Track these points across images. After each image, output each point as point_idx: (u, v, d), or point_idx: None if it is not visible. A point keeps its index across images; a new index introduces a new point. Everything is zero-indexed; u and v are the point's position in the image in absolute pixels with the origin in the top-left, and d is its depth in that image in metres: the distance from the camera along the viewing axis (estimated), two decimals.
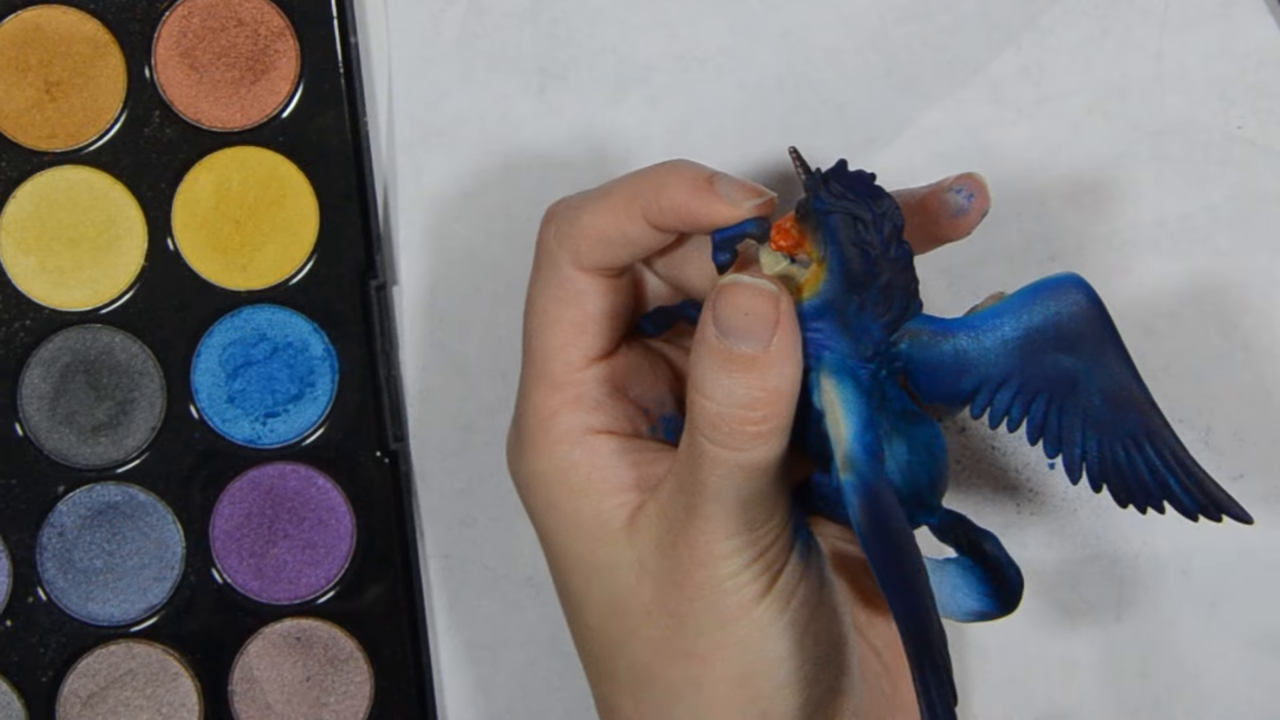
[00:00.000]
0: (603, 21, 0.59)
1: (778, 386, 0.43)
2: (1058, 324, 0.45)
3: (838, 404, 0.44)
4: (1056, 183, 0.58)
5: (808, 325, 0.44)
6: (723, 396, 0.43)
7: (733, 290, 0.43)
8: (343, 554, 0.59)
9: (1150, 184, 0.58)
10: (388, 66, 0.59)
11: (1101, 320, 0.45)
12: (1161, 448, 0.45)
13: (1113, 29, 0.59)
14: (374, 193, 0.59)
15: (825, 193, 0.43)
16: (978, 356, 0.45)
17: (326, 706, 0.59)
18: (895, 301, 0.44)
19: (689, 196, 0.46)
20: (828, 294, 0.44)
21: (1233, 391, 0.58)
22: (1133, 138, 0.58)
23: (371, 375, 0.59)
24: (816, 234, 0.44)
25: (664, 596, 0.46)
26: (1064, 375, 0.45)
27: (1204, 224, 0.58)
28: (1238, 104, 0.58)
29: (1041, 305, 0.45)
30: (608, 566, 0.47)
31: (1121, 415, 0.45)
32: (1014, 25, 0.59)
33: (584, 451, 0.47)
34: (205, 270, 0.59)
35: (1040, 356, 0.45)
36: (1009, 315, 0.45)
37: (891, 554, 0.43)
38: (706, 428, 0.44)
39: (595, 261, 0.47)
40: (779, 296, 0.43)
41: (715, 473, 0.44)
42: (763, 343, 0.43)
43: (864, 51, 0.59)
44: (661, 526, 0.46)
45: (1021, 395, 0.45)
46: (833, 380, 0.44)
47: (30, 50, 0.59)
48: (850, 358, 0.44)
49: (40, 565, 0.59)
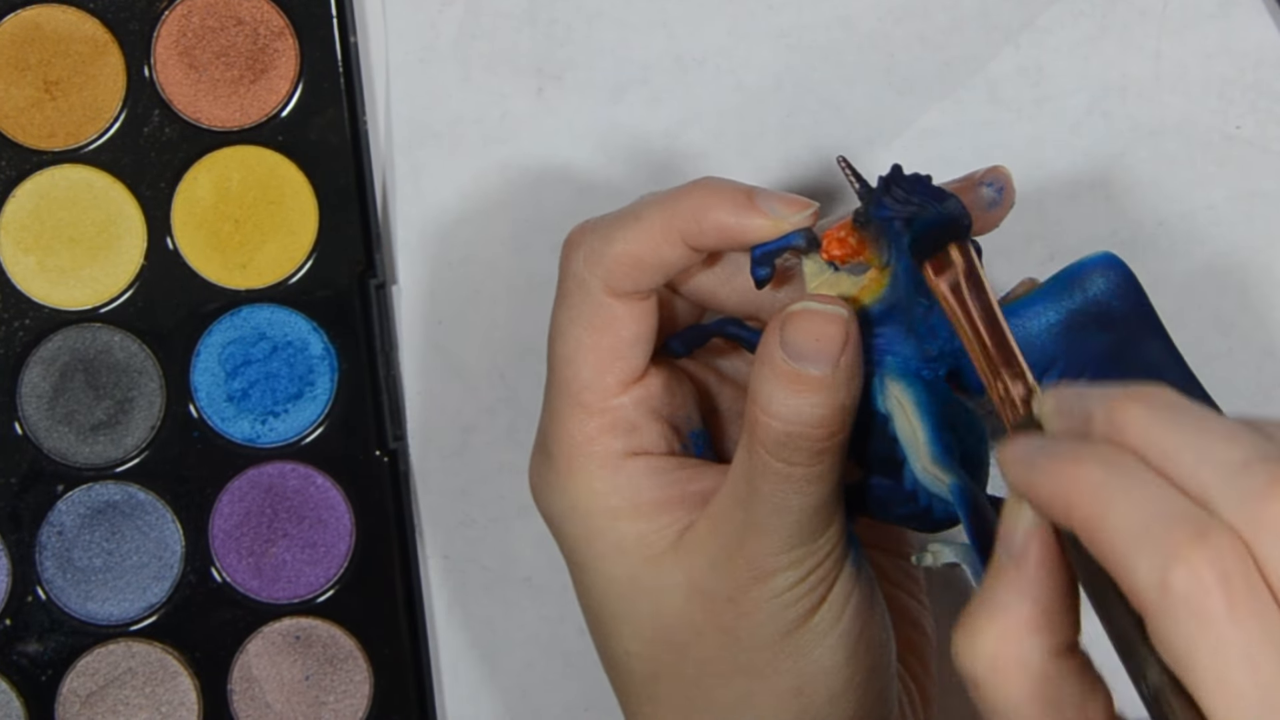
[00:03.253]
0: (601, 22, 0.59)
1: (844, 403, 0.44)
2: (1097, 303, 0.45)
3: (909, 406, 0.44)
4: (1055, 182, 0.58)
5: (869, 330, 0.45)
6: (790, 415, 0.43)
7: (805, 317, 0.43)
8: (342, 553, 0.59)
9: (1149, 184, 0.58)
10: (385, 67, 0.59)
11: (1138, 295, 0.45)
12: None
13: (1111, 29, 0.59)
14: (373, 192, 0.59)
15: (889, 199, 0.43)
16: (1025, 344, 0.44)
17: (326, 706, 0.59)
18: None
19: (731, 215, 0.45)
20: (891, 299, 0.44)
21: (1232, 391, 0.58)
22: (1131, 137, 0.59)
23: (371, 375, 0.59)
24: (880, 241, 0.44)
25: (718, 614, 0.46)
26: (1107, 352, 0.45)
27: (1203, 224, 0.58)
28: (1236, 104, 0.58)
29: (1080, 287, 0.45)
30: (653, 590, 0.47)
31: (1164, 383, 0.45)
32: (1012, 25, 0.59)
33: (624, 475, 0.47)
34: (204, 269, 0.59)
35: (1083, 337, 0.45)
36: (1051, 300, 0.45)
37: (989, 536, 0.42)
38: (773, 445, 0.44)
39: (629, 287, 0.47)
40: (849, 321, 0.44)
41: (779, 488, 0.44)
42: (831, 364, 0.43)
43: (863, 51, 0.59)
44: (716, 543, 0.46)
45: (1068, 376, 0.45)
46: (900, 384, 0.45)
47: (30, 49, 0.59)
48: (914, 360, 0.45)
49: (39, 564, 0.59)
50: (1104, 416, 0.36)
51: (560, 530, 0.49)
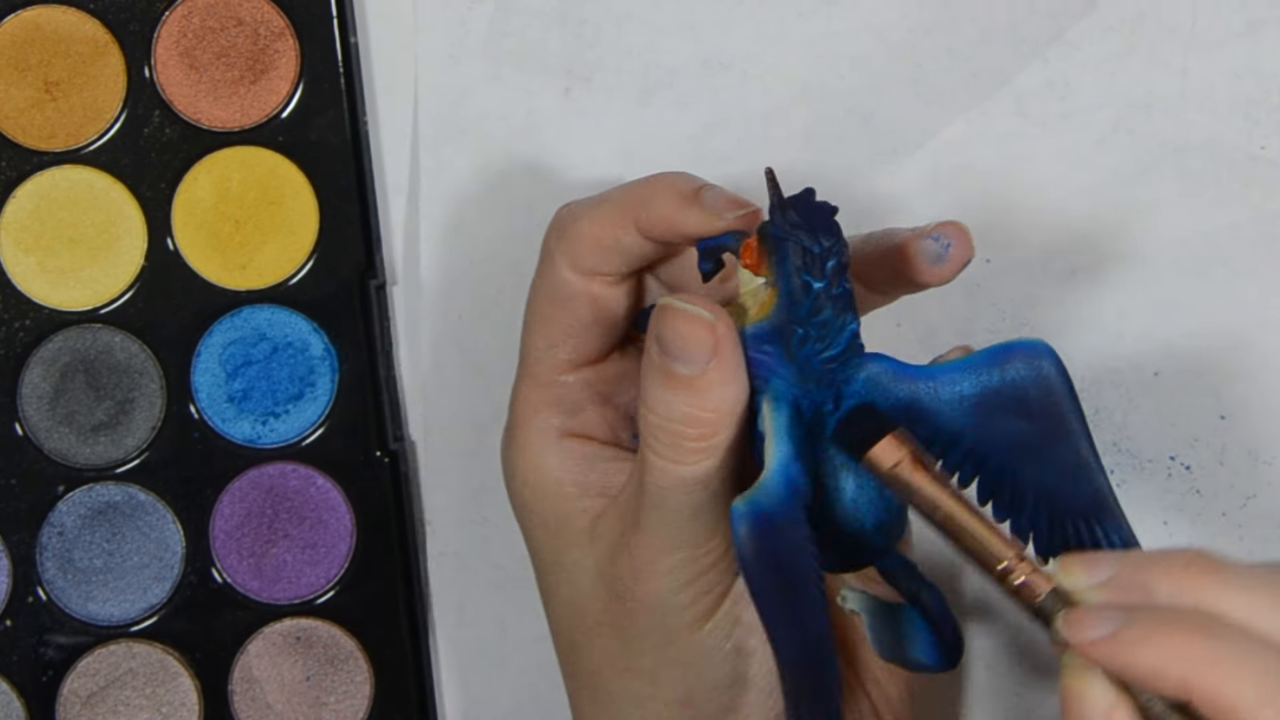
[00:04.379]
0: (630, 24, 0.59)
1: (716, 407, 0.43)
2: (1017, 389, 0.43)
3: (771, 430, 0.43)
4: (1079, 197, 0.58)
5: (758, 348, 0.44)
6: (663, 410, 0.43)
7: (667, 313, 0.43)
8: (342, 554, 0.59)
9: (1173, 201, 0.58)
10: (414, 64, 0.59)
11: (1064, 392, 0.44)
12: (1111, 530, 0.44)
13: (1139, 46, 0.58)
14: (374, 192, 0.59)
15: (781, 219, 0.43)
16: (932, 407, 0.44)
17: (326, 706, 0.59)
18: (834, 339, 0.43)
19: (674, 208, 0.45)
20: (777, 320, 0.43)
21: (1249, 411, 0.58)
22: (1156, 154, 0.58)
23: (371, 375, 0.59)
24: (771, 257, 0.43)
25: (611, 608, 0.46)
26: (1018, 441, 0.44)
27: (1226, 243, 0.58)
28: (1262, 124, 0.58)
29: (1004, 368, 0.44)
30: (571, 569, 0.47)
31: (1074, 490, 0.44)
32: (1041, 39, 0.58)
33: (556, 453, 0.48)
34: (205, 270, 0.59)
35: (996, 419, 0.44)
36: (970, 372, 0.44)
37: (777, 583, 0.42)
38: (650, 438, 0.44)
39: (591, 266, 0.47)
40: (714, 324, 0.43)
41: (657, 482, 0.44)
42: (699, 365, 0.43)
43: (890, 62, 0.59)
44: (614, 533, 0.46)
45: (973, 456, 0.44)
46: (771, 406, 0.44)
47: (30, 50, 0.58)
48: (794, 386, 0.44)
49: (40, 565, 0.59)
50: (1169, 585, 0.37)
51: (510, 496, 0.49)
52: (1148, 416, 0.58)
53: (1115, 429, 0.58)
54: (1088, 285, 0.58)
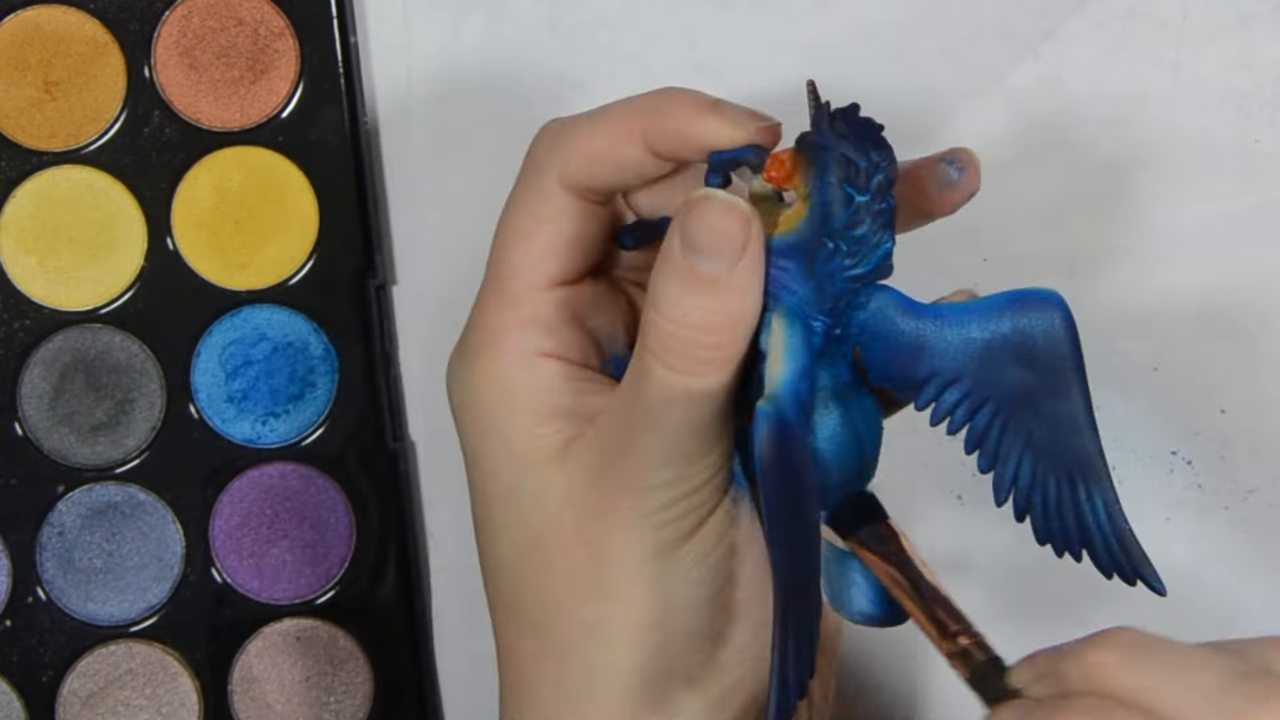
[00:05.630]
0: (622, 30, 0.59)
1: (735, 313, 0.42)
2: (1025, 337, 0.43)
3: (781, 346, 0.42)
4: (1073, 194, 0.58)
5: (774, 262, 0.43)
6: (679, 315, 0.41)
7: (705, 204, 0.41)
8: (342, 554, 0.59)
9: (1167, 196, 0.58)
10: (407, 72, 0.59)
11: (1070, 345, 0.43)
12: (1094, 492, 0.44)
13: (1130, 41, 0.58)
14: (374, 192, 0.59)
15: (827, 128, 0.42)
16: (937, 346, 0.43)
17: (326, 706, 0.59)
18: (866, 257, 0.43)
19: (690, 117, 0.44)
20: (803, 233, 0.42)
21: (1249, 404, 0.58)
22: (1149, 150, 0.58)
23: (371, 375, 0.59)
24: (809, 169, 0.42)
25: (586, 527, 0.44)
26: (1017, 390, 0.43)
27: (1221, 236, 0.58)
28: (1255, 117, 0.58)
29: (1014, 314, 0.43)
30: (532, 494, 0.45)
31: (1064, 447, 0.43)
32: (1032, 37, 0.58)
33: (529, 372, 0.46)
34: (205, 270, 0.59)
35: (999, 365, 0.43)
36: (979, 315, 0.43)
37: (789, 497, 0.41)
38: (657, 346, 0.42)
39: (583, 180, 0.46)
40: (752, 219, 0.42)
41: (658, 395, 0.42)
42: (728, 265, 0.41)
43: (882, 63, 0.59)
44: (595, 453, 0.44)
45: (970, 399, 0.43)
46: (784, 321, 0.43)
47: (30, 50, 0.59)
48: (808, 305, 0.43)
49: (40, 565, 0.59)
50: (1078, 671, 0.38)
51: (460, 422, 0.47)
52: (1148, 412, 0.58)
53: (1116, 424, 0.58)
54: (1085, 282, 0.58)
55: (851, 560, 0.46)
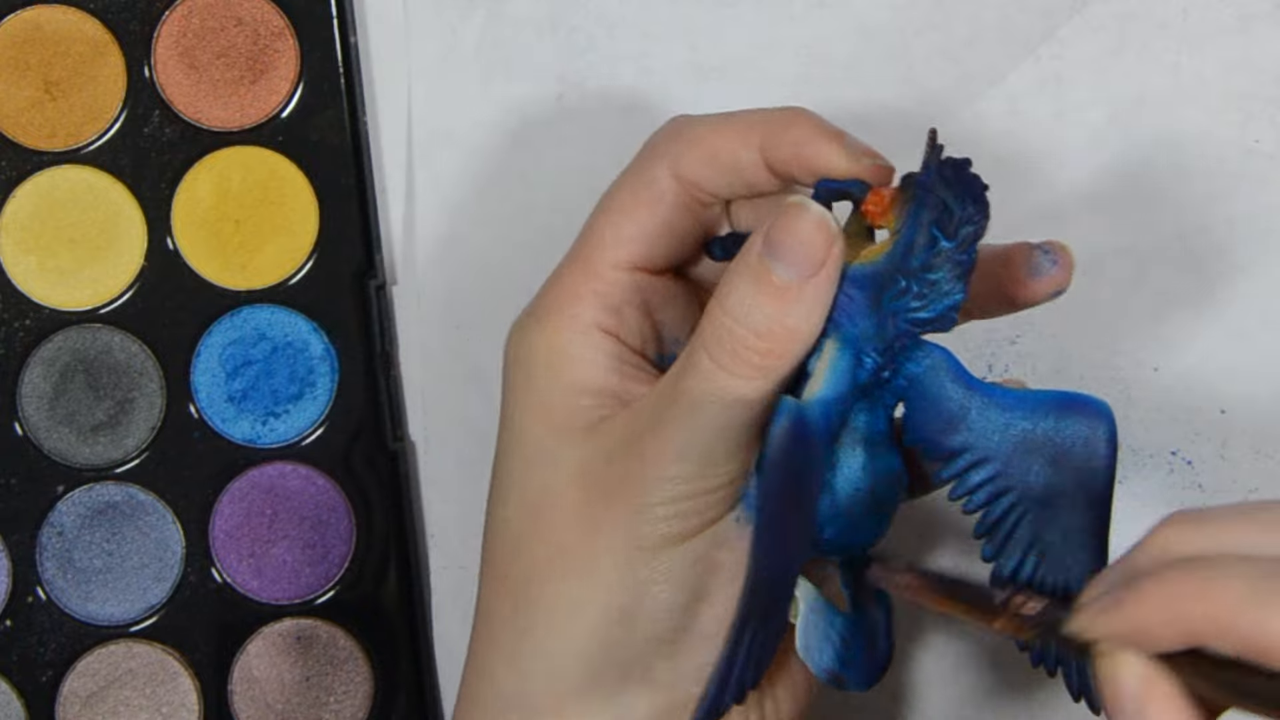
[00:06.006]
0: (621, 30, 0.59)
1: (795, 327, 0.42)
2: (1066, 440, 0.44)
3: (827, 368, 0.43)
4: (1073, 195, 0.58)
5: (844, 289, 0.43)
6: (741, 314, 0.42)
7: (796, 212, 0.42)
8: (342, 554, 0.59)
9: (1167, 197, 0.58)
10: (407, 74, 0.59)
11: (1107, 461, 0.44)
12: None
13: (1131, 42, 0.58)
14: (374, 192, 0.59)
15: (935, 172, 0.43)
16: (978, 422, 0.44)
17: (326, 706, 0.59)
18: (934, 303, 0.43)
19: (812, 139, 0.45)
20: (881, 266, 0.43)
21: (1250, 404, 0.58)
22: (1150, 151, 0.58)
23: (371, 375, 0.59)
24: (905, 206, 0.43)
25: (591, 501, 0.44)
26: (1042, 490, 0.44)
27: (1222, 237, 0.58)
28: (1256, 117, 0.58)
29: (1061, 414, 0.44)
30: (552, 459, 0.45)
31: (1067, 560, 0.44)
32: (1032, 38, 0.58)
33: (587, 343, 0.46)
34: (205, 270, 0.59)
35: (1032, 460, 0.44)
36: (1026, 405, 0.44)
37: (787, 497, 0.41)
38: (711, 340, 0.42)
39: (694, 175, 0.46)
40: (836, 238, 0.42)
41: (699, 388, 0.42)
42: (802, 275, 0.42)
43: (882, 63, 0.59)
44: (621, 435, 0.44)
45: (995, 483, 0.44)
46: (836, 347, 0.43)
47: (30, 50, 0.59)
48: (865, 339, 0.43)
49: (40, 565, 0.59)
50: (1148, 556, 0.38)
51: (507, 378, 0.47)
52: (1148, 411, 0.58)
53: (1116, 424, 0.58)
54: (1085, 282, 0.58)
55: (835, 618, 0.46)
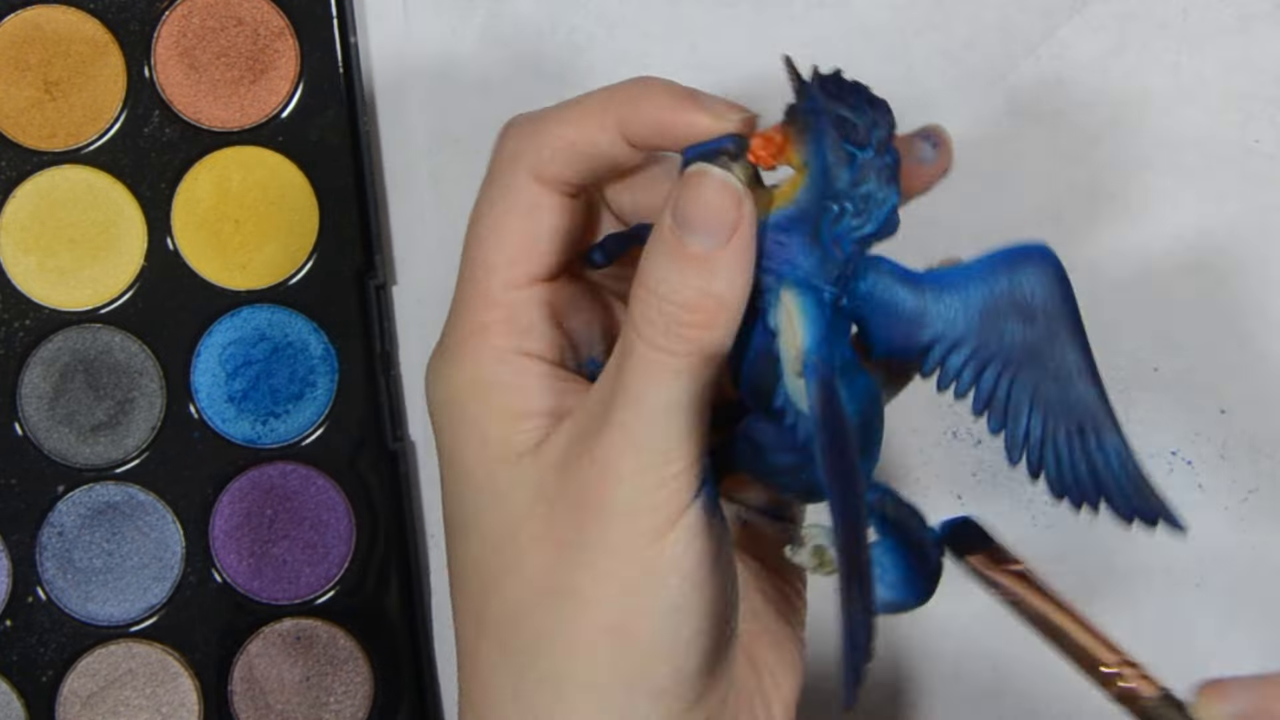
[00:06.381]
0: (622, 30, 0.59)
1: (722, 294, 0.41)
2: (1022, 292, 0.43)
3: (796, 317, 0.42)
4: (1074, 194, 0.58)
5: (773, 238, 0.42)
6: (665, 291, 0.41)
7: (699, 179, 0.41)
8: (342, 554, 0.59)
9: (1168, 196, 0.58)
10: (407, 72, 0.59)
11: (1065, 296, 0.44)
12: (1105, 440, 0.44)
13: (1131, 42, 0.58)
14: (374, 192, 0.59)
15: (819, 93, 0.42)
16: (937, 311, 0.43)
17: (326, 706, 0.59)
18: (874, 214, 0.42)
19: (668, 107, 0.44)
20: (803, 203, 0.42)
21: (1249, 404, 0.58)
22: (1150, 150, 0.58)
23: (371, 375, 0.59)
24: (803, 137, 0.42)
25: (555, 522, 0.43)
26: (1020, 346, 0.43)
27: (1222, 236, 0.58)
28: (1256, 118, 0.58)
29: (1009, 272, 0.43)
30: (503, 491, 0.44)
31: (1070, 398, 0.44)
32: (1032, 38, 0.58)
33: (508, 370, 0.45)
34: (205, 270, 0.59)
35: (1000, 324, 0.43)
36: (975, 276, 0.43)
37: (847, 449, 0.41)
38: (642, 322, 0.42)
39: (557, 173, 0.45)
40: (744, 198, 0.41)
41: (638, 375, 0.42)
42: (717, 242, 0.41)
43: (882, 64, 0.59)
44: (569, 443, 0.43)
45: (974, 361, 0.43)
46: (794, 293, 0.42)
47: (30, 50, 0.59)
48: (815, 275, 0.42)
49: (40, 565, 0.59)
50: None
51: (436, 421, 0.46)
52: (1148, 412, 0.58)
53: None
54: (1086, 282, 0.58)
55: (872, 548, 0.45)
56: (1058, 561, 0.58)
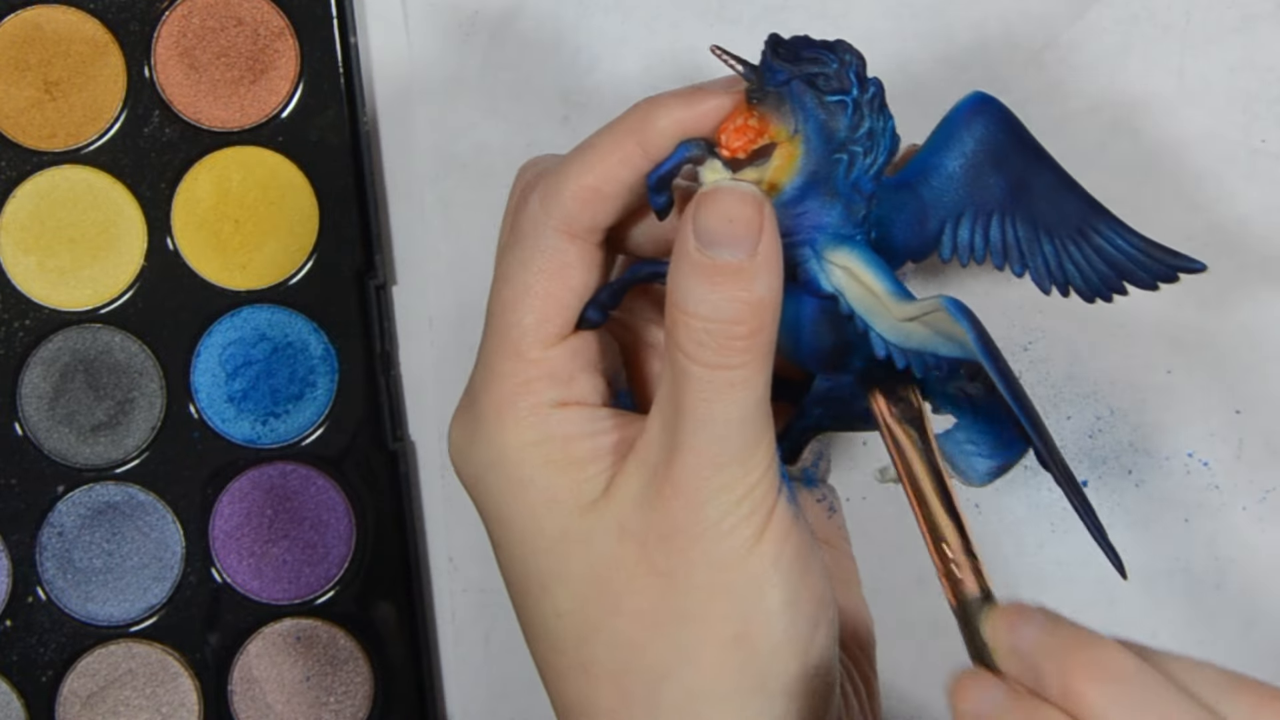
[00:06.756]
0: (625, 49, 0.59)
1: (763, 297, 0.41)
2: (986, 142, 0.45)
3: (858, 268, 0.43)
4: None
5: (792, 214, 0.43)
6: (707, 311, 0.41)
7: (717, 196, 0.41)
8: (342, 554, 0.59)
9: (1175, 199, 0.58)
10: (407, 72, 0.59)
11: (1015, 126, 0.45)
12: (1103, 228, 0.46)
13: (1134, 45, 0.58)
14: (374, 192, 0.59)
15: (779, 63, 0.42)
16: (933, 198, 0.45)
17: (326, 706, 0.59)
18: (880, 144, 0.43)
19: (684, 106, 0.43)
20: (808, 168, 0.43)
21: (1264, 404, 0.57)
22: (1156, 153, 0.58)
23: (371, 375, 0.59)
24: (781, 109, 0.42)
25: (649, 555, 0.43)
26: (1007, 189, 0.45)
27: (1231, 238, 0.58)
28: (1262, 118, 0.58)
29: (968, 129, 0.45)
30: (584, 540, 0.44)
31: (1062, 209, 0.45)
32: (1035, 44, 0.58)
33: (559, 423, 0.45)
34: (205, 270, 0.59)
35: (983, 179, 0.45)
36: (944, 150, 0.45)
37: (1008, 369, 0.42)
38: (691, 346, 0.41)
39: (589, 223, 0.45)
40: (764, 201, 0.42)
41: (701, 396, 0.42)
42: (748, 250, 0.41)
43: (887, 71, 0.58)
44: (643, 478, 0.43)
45: (979, 223, 0.45)
46: (842, 251, 0.43)
47: (30, 50, 0.59)
48: (844, 226, 0.44)
49: (40, 565, 0.59)
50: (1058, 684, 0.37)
51: (483, 486, 0.46)
52: (1163, 414, 0.58)
53: (1131, 428, 0.58)
54: None
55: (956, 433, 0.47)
56: (1080, 565, 0.58)
